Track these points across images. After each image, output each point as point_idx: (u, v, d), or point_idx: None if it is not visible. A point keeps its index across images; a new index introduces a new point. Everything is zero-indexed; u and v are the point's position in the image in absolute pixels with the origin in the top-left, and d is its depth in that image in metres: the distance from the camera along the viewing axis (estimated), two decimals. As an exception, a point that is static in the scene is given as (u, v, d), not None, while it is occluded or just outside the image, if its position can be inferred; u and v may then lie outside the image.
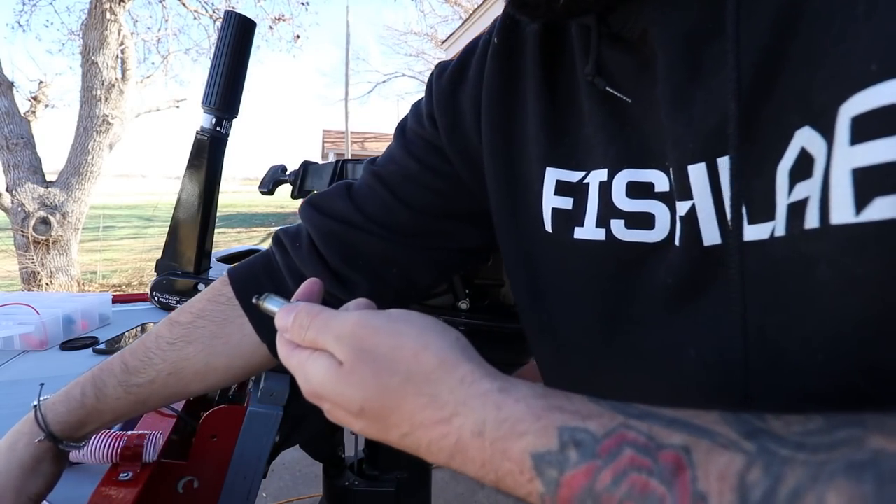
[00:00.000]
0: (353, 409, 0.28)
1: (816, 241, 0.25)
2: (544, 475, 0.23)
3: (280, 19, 6.90)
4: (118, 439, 0.53)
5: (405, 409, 0.26)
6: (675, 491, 0.20)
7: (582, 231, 0.37)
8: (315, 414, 0.65)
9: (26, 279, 5.07)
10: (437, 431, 0.25)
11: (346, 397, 0.28)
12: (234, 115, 0.58)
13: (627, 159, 0.35)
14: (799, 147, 0.26)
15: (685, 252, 0.32)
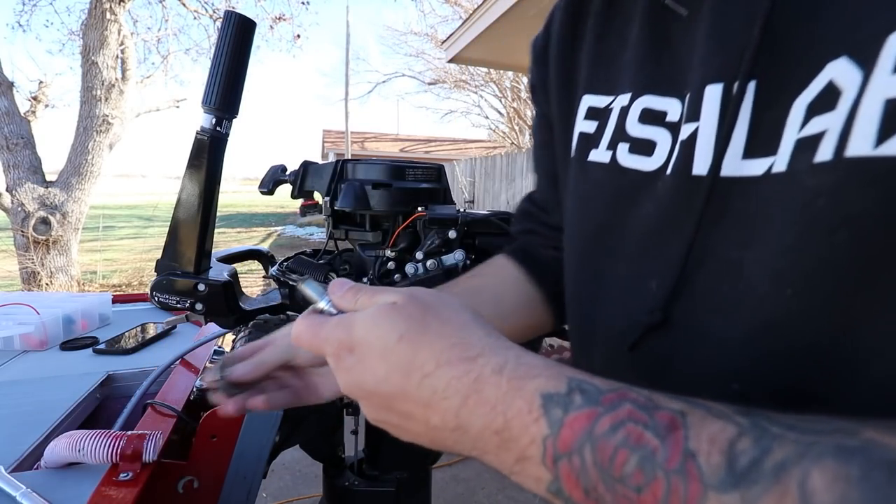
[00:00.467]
0: (389, 340, 0.28)
1: (823, 174, 0.25)
2: (550, 414, 0.24)
3: (280, 19, 6.90)
4: (118, 439, 0.53)
5: (436, 347, 0.28)
6: (667, 445, 0.22)
7: (595, 153, 0.40)
8: (315, 414, 0.65)
9: (26, 279, 5.07)
10: (460, 369, 0.27)
11: (386, 329, 0.29)
12: (234, 115, 0.58)
13: (652, 85, 0.36)
14: (827, 79, 0.26)
15: (672, 179, 0.33)
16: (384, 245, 0.61)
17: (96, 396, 0.77)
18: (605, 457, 0.23)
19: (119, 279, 6.40)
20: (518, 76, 13.03)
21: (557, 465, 0.24)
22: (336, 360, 0.31)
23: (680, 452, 0.21)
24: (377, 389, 0.29)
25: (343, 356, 0.30)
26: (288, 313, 0.68)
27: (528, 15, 3.43)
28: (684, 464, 0.21)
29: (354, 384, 0.30)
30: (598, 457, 0.23)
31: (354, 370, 0.30)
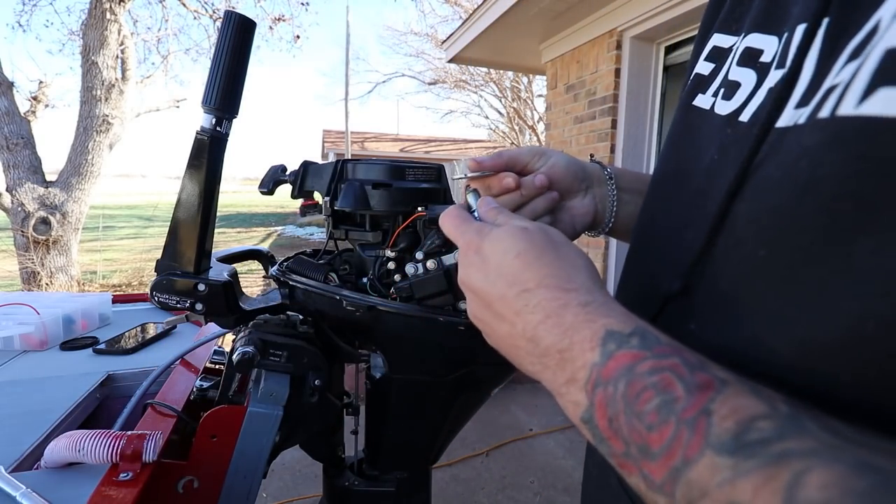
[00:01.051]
0: (508, 254, 0.33)
1: (815, 133, 0.25)
2: (606, 346, 0.27)
3: (280, 19, 6.90)
4: (118, 439, 0.53)
5: (542, 271, 0.32)
6: (690, 398, 0.23)
7: (700, 98, 0.38)
8: (314, 414, 0.65)
9: (26, 279, 5.07)
10: (553, 293, 0.31)
11: (509, 244, 0.34)
12: (235, 115, 0.58)
13: (763, 23, 0.33)
14: (876, 20, 0.23)
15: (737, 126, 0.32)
16: (384, 245, 0.61)
17: (96, 396, 0.77)
18: (633, 391, 0.25)
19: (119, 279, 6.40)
20: (518, 76, 13.02)
21: (595, 392, 0.27)
22: (464, 253, 0.37)
23: (699, 408, 0.22)
24: (483, 288, 0.35)
25: (470, 253, 0.37)
26: (288, 313, 0.68)
27: (528, 15, 3.42)
28: (697, 418, 0.22)
29: (469, 277, 0.36)
30: (628, 390, 0.25)
31: (474, 266, 0.36)
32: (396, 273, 0.59)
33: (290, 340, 0.61)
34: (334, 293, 0.57)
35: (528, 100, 13.79)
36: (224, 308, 0.61)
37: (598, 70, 3.33)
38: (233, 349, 0.60)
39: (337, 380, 0.72)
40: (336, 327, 0.67)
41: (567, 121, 3.68)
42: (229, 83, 0.56)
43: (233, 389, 0.66)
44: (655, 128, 3.22)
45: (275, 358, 0.60)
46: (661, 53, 3.15)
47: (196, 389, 0.74)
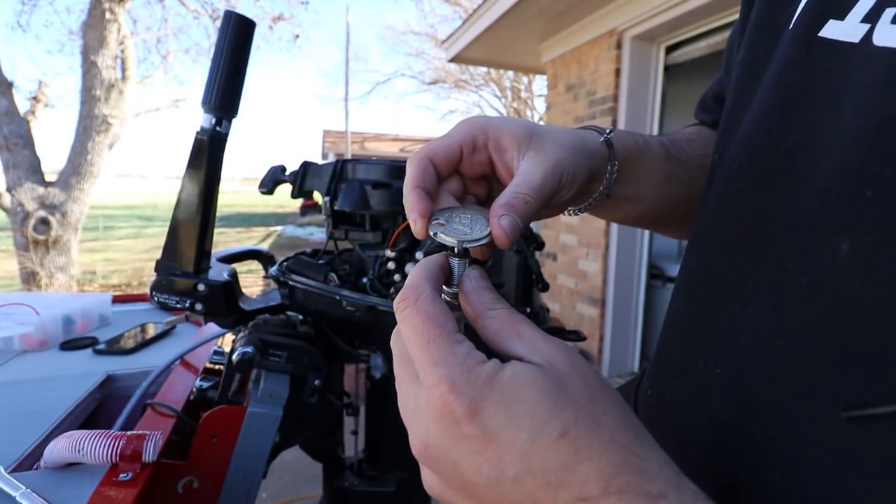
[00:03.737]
0: (547, 432, 0.20)
1: None
2: None
3: (280, 19, 6.90)
4: (118, 439, 0.53)
5: (608, 460, 0.19)
6: None
7: (835, 27, 0.25)
8: (314, 414, 0.65)
9: (26, 279, 5.07)
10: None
11: (546, 412, 0.20)
12: (234, 115, 0.58)
13: None
14: None
15: None
16: (384, 245, 0.61)
17: (96, 396, 0.77)
18: None
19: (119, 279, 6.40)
20: (518, 76, 13.03)
21: None
22: (440, 415, 0.21)
23: None
24: (486, 491, 0.21)
25: (459, 417, 0.21)
26: (288, 313, 0.68)
27: (528, 15, 3.42)
28: None
29: (450, 458, 0.21)
30: None
31: (465, 448, 0.21)
32: (396, 273, 0.59)
33: (289, 341, 0.61)
34: (334, 293, 0.57)
35: (528, 100, 13.79)
36: (224, 308, 0.61)
37: (599, 70, 3.33)
38: (233, 349, 0.60)
39: (337, 380, 0.72)
40: (336, 327, 0.67)
41: (567, 121, 3.68)
42: (229, 83, 0.56)
43: (233, 390, 0.66)
44: (655, 128, 3.21)
45: (275, 358, 0.60)
46: (661, 53, 3.14)
47: (196, 389, 0.74)
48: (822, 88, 0.25)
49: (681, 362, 0.32)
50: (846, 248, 0.21)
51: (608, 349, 3.37)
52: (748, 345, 0.26)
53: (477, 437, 0.20)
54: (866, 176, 0.21)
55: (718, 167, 0.33)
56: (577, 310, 3.61)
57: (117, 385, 0.82)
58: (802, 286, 0.23)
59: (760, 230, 0.27)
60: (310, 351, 0.62)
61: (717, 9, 2.62)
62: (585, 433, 0.20)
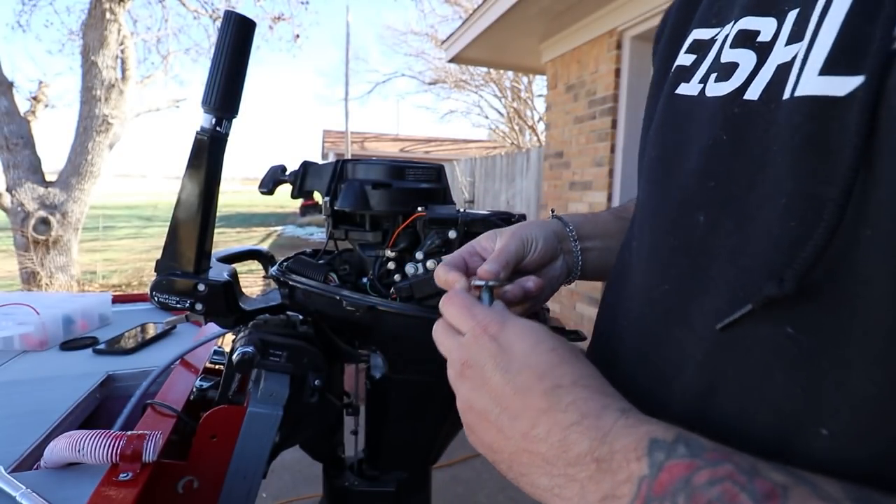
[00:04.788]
0: (540, 346, 0.31)
1: None
2: (652, 456, 0.25)
3: (280, 19, 6.90)
4: (118, 439, 0.53)
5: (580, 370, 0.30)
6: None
7: (684, 87, 0.37)
8: (314, 414, 0.65)
9: (26, 279, 5.07)
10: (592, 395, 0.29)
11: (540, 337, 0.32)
12: (234, 115, 0.58)
13: (755, 6, 0.32)
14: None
15: (754, 104, 0.30)
16: (384, 245, 0.61)
17: (96, 396, 0.77)
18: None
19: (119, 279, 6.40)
20: (518, 76, 13.02)
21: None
22: (475, 336, 0.34)
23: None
24: (497, 378, 0.31)
25: (483, 336, 0.33)
26: (288, 313, 0.68)
27: (528, 15, 3.42)
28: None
29: (478, 362, 0.33)
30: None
31: (486, 351, 0.32)
32: (396, 273, 0.59)
33: (290, 340, 0.61)
34: (334, 293, 0.57)
35: (528, 100, 13.79)
36: (224, 308, 0.61)
37: (598, 70, 3.33)
38: (233, 349, 0.60)
39: (337, 380, 0.72)
40: (336, 327, 0.67)
41: (567, 121, 3.68)
42: (229, 83, 0.56)
43: (233, 389, 0.66)
44: (655, 128, 3.22)
45: (275, 358, 0.60)
46: (661, 53, 3.15)
47: (196, 389, 0.74)
48: (676, 122, 0.37)
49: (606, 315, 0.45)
50: (702, 220, 0.31)
51: (608, 349, 3.37)
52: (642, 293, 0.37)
53: (496, 347, 0.32)
54: (708, 174, 0.32)
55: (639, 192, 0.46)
56: (576, 310, 3.61)
57: (117, 385, 0.82)
58: (675, 246, 0.33)
59: (642, 218, 0.39)
60: (310, 351, 0.62)
61: (717, 9, 2.62)
62: (567, 354, 0.31)
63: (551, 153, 3.92)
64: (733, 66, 0.32)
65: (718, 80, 0.33)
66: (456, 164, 7.43)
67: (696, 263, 0.31)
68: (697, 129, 0.33)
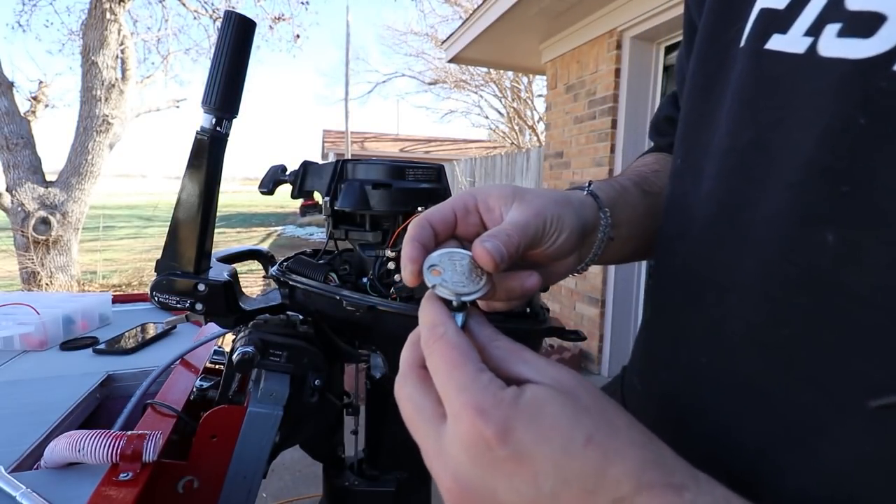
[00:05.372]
0: (573, 440, 0.20)
1: None
2: None
3: (280, 19, 6.90)
4: (118, 439, 0.53)
5: (633, 460, 0.20)
6: None
7: (779, 40, 0.27)
8: (315, 414, 0.65)
9: (26, 279, 5.07)
10: (667, 500, 0.19)
11: (569, 422, 0.21)
12: (235, 115, 0.58)
13: None
14: None
15: None
16: (384, 245, 0.61)
17: (96, 396, 0.77)
18: None
19: (119, 279, 6.40)
20: (518, 76, 13.02)
21: None
22: (474, 443, 0.21)
23: None
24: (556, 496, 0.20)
25: (484, 446, 0.21)
26: (288, 313, 0.68)
27: (528, 15, 3.42)
28: None
29: (486, 487, 0.21)
30: None
31: (501, 470, 0.21)
32: (396, 273, 0.59)
33: (290, 340, 0.61)
34: (334, 293, 0.57)
35: (528, 100, 13.79)
36: (224, 308, 0.61)
37: (598, 70, 3.33)
38: (233, 349, 0.60)
39: (337, 380, 0.72)
40: (336, 327, 0.67)
41: (567, 121, 3.68)
42: (229, 83, 0.56)
43: (233, 389, 0.66)
44: (655, 128, 3.22)
45: (275, 358, 0.60)
46: (661, 53, 3.15)
47: (196, 389, 0.74)
48: (771, 93, 0.27)
49: (667, 355, 0.34)
50: (832, 240, 0.23)
51: (608, 349, 3.37)
52: (741, 333, 0.27)
53: (510, 457, 0.21)
54: (839, 173, 0.23)
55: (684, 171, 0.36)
56: (576, 310, 3.61)
57: (117, 385, 0.82)
58: (794, 276, 0.25)
59: (726, 223, 0.29)
60: (310, 351, 0.62)
61: (717, 9, 2.62)
62: (607, 437, 0.21)
63: (551, 153, 3.92)
64: (875, 17, 0.22)
65: (846, 35, 0.24)
66: (456, 164, 7.43)
67: (830, 304, 0.23)
68: (808, 104, 0.25)
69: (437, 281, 0.27)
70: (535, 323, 0.55)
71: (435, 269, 0.28)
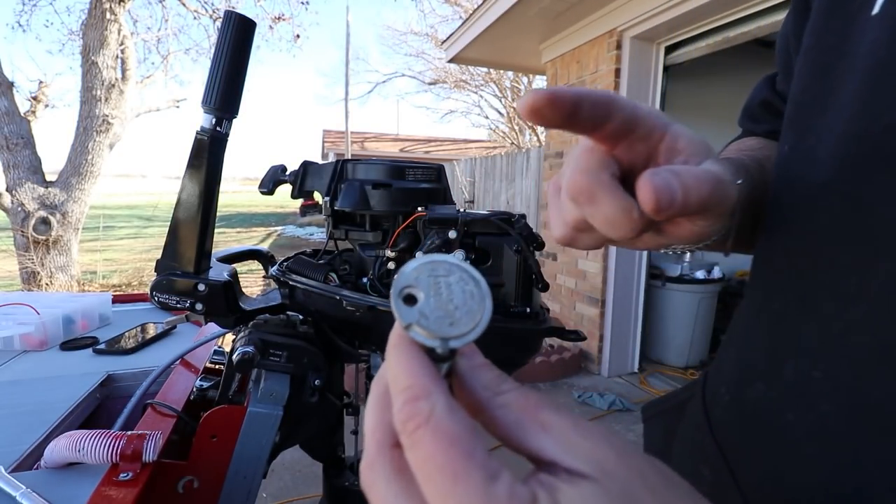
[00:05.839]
0: None
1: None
2: None
3: (280, 19, 6.90)
4: (118, 439, 0.53)
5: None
6: None
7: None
8: (315, 414, 0.65)
9: (26, 279, 5.07)
10: None
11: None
12: (235, 115, 0.58)
13: None
14: None
15: None
16: (384, 245, 0.61)
17: (96, 396, 0.77)
18: None
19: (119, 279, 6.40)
20: (518, 76, 13.02)
21: None
22: None
23: None
24: None
25: None
26: (288, 313, 0.68)
27: (528, 15, 3.42)
28: None
29: None
30: None
31: None
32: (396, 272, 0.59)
33: (290, 340, 0.61)
34: (334, 293, 0.57)
35: (529, 100, 13.76)
36: (224, 308, 0.61)
37: (598, 70, 3.32)
38: (233, 349, 0.60)
39: (337, 380, 0.72)
40: (336, 327, 0.67)
41: (567, 121, 3.67)
42: (229, 83, 0.56)
43: (233, 389, 0.66)
44: (655, 128, 3.21)
45: (275, 358, 0.60)
46: (661, 53, 3.14)
47: (196, 389, 0.74)
48: None
49: (764, 366, 0.30)
50: None
51: (608, 349, 3.37)
52: (868, 348, 0.23)
53: None
54: None
55: (793, 158, 0.31)
56: (576, 310, 3.61)
57: (117, 385, 0.82)
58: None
59: (856, 220, 0.24)
60: (310, 351, 0.62)
61: (717, 9, 2.62)
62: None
63: (551, 153, 3.92)
64: None
65: None
66: (456, 164, 7.43)
67: None
68: None
69: (412, 319, 0.18)
70: (535, 323, 0.55)
71: (409, 293, 0.18)
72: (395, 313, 0.18)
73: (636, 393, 3.13)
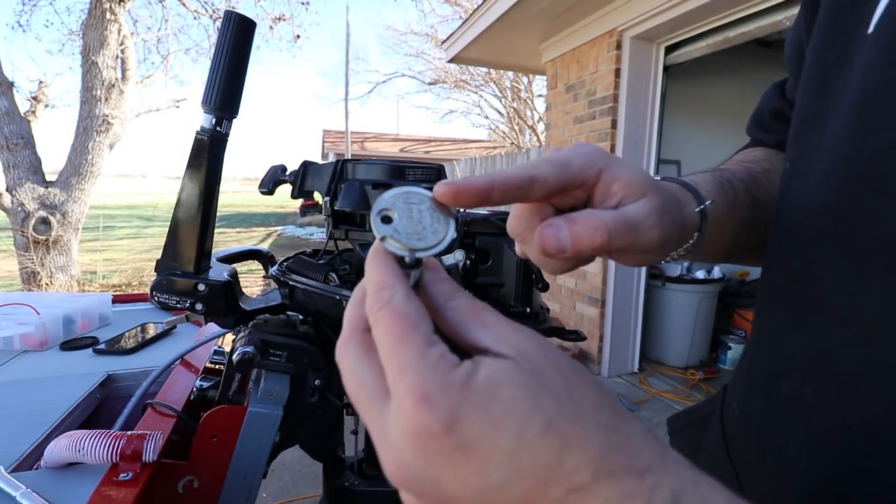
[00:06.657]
0: (531, 428, 0.18)
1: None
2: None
3: (280, 19, 6.90)
4: (118, 439, 0.53)
5: (594, 446, 0.18)
6: None
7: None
8: (315, 414, 0.65)
9: (26, 279, 5.07)
10: (625, 487, 0.18)
11: (528, 407, 0.18)
12: (235, 115, 0.58)
13: None
14: None
15: None
16: (384, 245, 0.61)
17: (96, 396, 0.77)
18: None
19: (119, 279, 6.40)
20: (518, 76, 13.03)
21: None
22: (416, 435, 0.18)
23: None
24: (479, 500, 0.18)
25: (435, 432, 0.18)
26: (288, 313, 0.68)
27: (528, 15, 3.42)
28: None
29: (433, 482, 0.19)
30: None
31: (446, 460, 0.18)
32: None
33: (290, 340, 0.61)
34: (334, 293, 0.57)
35: (528, 100, 13.79)
36: (224, 308, 0.61)
37: (598, 70, 3.33)
38: (233, 349, 0.60)
39: (337, 380, 0.72)
40: (336, 327, 0.67)
41: (567, 121, 3.68)
42: (229, 83, 0.56)
43: (233, 389, 0.66)
44: (655, 128, 3.21)
45: (275, 358, 0.60)
46: (661, 53, 3.15)
47: (196, 389, 0.74)
48: None
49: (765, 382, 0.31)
50: None
51: (608, 349, 3.37)
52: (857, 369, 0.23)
53: (457, 448, 0.18)
54: None
55: (793, 176, 0.31)
56: (576, 310, 3.61)
57: (117, 385, 0.82)
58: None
59: (845, 240, 0.25)
60: (310, 351, 0.62)
61: (717, 9, 2.62)
62: (569, 421, 0.18)
63: (551, 153, 3.92)
64: None
65: None
66: (456, 164, 7.43)
67: None
68: None
69: (386, 232, 0.22)
70: (535, 323, 0.55)
71: (386, 215, 0.23)
72: (373, 228, 0.23)
73: (636, 393, 3.13)
